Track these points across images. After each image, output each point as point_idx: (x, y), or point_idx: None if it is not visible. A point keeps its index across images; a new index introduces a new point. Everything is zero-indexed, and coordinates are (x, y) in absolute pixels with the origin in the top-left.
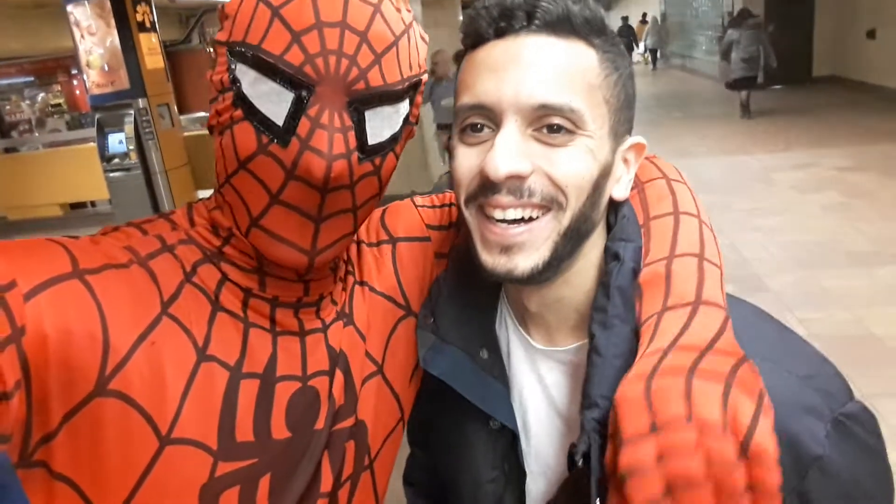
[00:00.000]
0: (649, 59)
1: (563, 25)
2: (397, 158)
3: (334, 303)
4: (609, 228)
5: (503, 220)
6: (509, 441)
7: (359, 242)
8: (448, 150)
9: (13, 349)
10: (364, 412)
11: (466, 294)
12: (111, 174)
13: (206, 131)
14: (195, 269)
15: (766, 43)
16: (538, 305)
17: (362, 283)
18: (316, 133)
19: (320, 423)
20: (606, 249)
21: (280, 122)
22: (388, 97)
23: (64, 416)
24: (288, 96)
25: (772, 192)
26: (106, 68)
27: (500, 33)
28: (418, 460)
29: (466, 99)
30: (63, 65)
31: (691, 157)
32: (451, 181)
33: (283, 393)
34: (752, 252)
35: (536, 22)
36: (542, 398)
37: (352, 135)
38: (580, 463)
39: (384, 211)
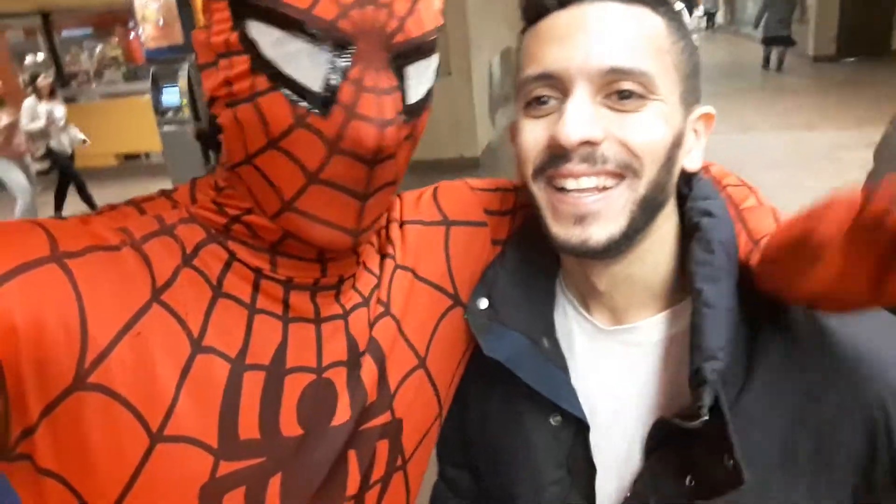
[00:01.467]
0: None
1: None
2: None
3: (356, 289)
4: (681, 201)
5: (576, 190)
6: (574, 436)
7: (403, 222)
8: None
9: None
10: (401, 409)
11: (526, 278)
12: (164, 127)
13: None
14: (197, 250)
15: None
16: (608, 284)
17: (405, 268)
18: (362, 98)
19: (338, 419)
20: (691, 210)
21: (318, 88)
22: (424, 49)
23: (42, 411)
24: (323, 57)
25: (840, 173)
26: (161, 22)
27: (563, 3)
28: (454, 484)
29: (531, 70)
30: (120, 17)
31: (755, 132)
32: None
33: (294, 386)
34: None
35: None
36: (610, 385)
37: (398, 96)
38: (705, 417)
39: (435, 190)
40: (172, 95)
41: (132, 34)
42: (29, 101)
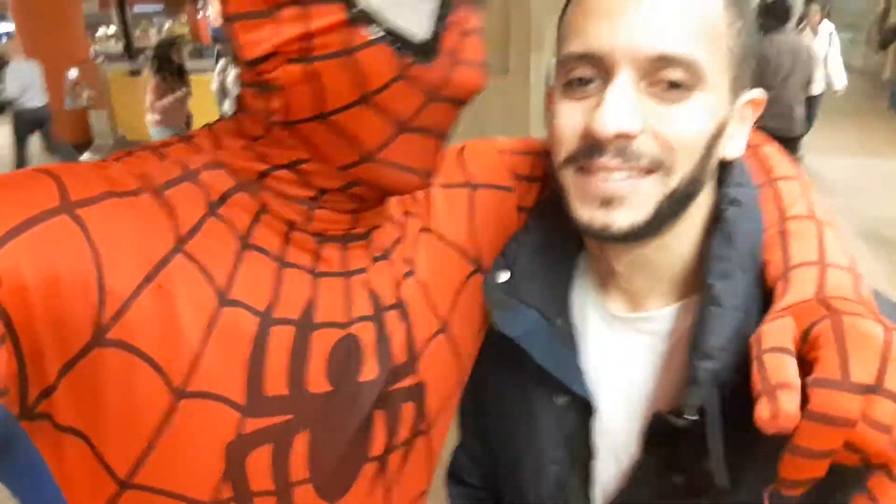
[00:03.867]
0: None
1: None
2: None
3: (382, 244)
4: (720, 184)
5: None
6: (577, 418)
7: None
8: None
9: None
10: (425, 372)
11: (547, 255)
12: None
13: None
14: (224, 199)
15: None
16: (627, 266)
17: (429, 230)
18: (466, 41)
19: (365, 375)
20: (723, 196)
21: (426, 34)
22: None
23: (61, 369)
24: (428, 3)
25: None
26: None
27: None
28: (470, 453)
29: (574, 47)
30: None
31: (818, 153)
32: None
33: (323, 341)
34: (877, 267)
35: None
36: (619, 372)
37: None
38: (691, 417)
39: (462, 149)
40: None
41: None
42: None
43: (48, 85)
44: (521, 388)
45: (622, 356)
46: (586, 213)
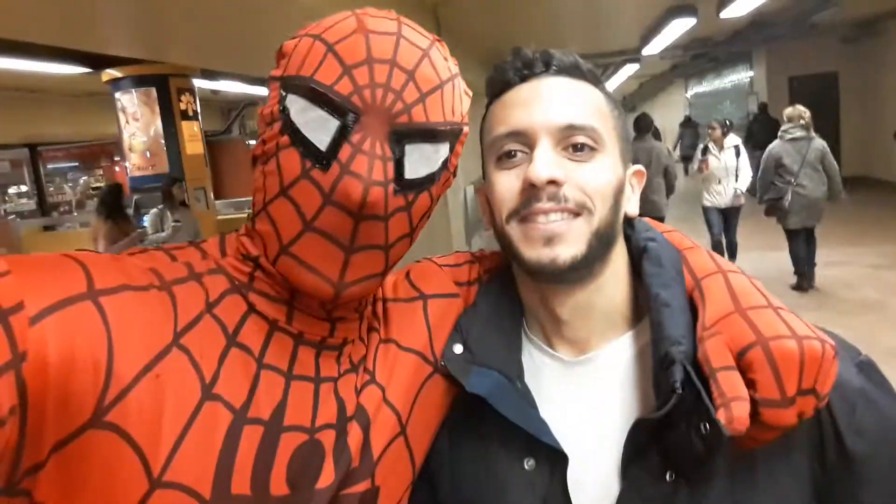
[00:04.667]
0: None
1: (573, 71)
2: (431, 201)
3: (350, 357)
4: (628, 243)
5: (544, 221)
6: (549, 477)
7: (385, 300)
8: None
9: (11, 375)
10: (381, 477)
11: (498, 325)
12: None
13: (240, 214)
14: (220, 299)
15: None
16: (570, 312)
17: (389, 341)
18: (357, 158)
19: (322, 483)
20: (637, 241)
21: (324, 147)
22: (428, 135)
23: (55, 445)
24: (334, 124)
25: (804, 291)
26: (148, 154)
27: (523, 78)
28: None
29: (501, 129)
30: (106, 150)
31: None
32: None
33: (288, 444)
34: None
35: (553, 67)
36: (581, 416)
37: (391, 165)
38: (679, 391)
39: (408, 272)
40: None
41: (117, 167)
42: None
43: None
44: (486, 463)
45: (581, 400)
46: (533, 253)
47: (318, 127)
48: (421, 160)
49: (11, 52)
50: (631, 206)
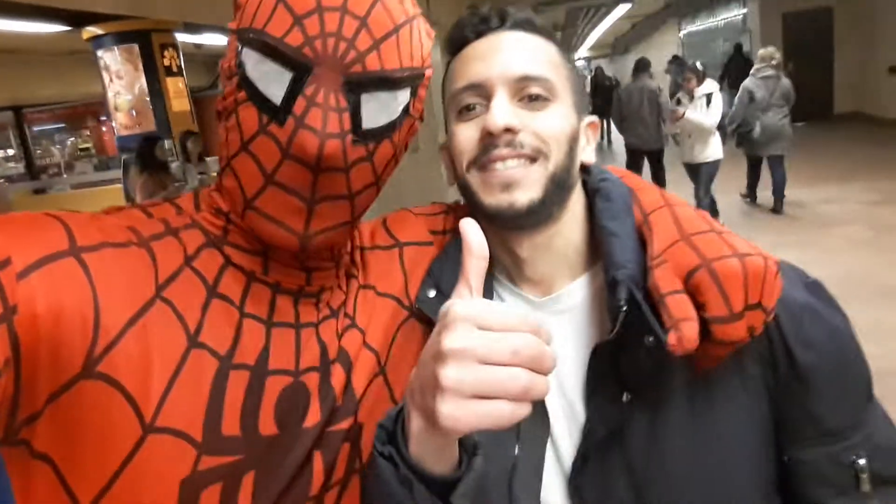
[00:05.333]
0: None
1: (527, 25)
2: (395, 149)
3: (329, 303)
4: (586, 189)
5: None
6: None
7: (363, 248)
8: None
9: (4, 328)
10: (363, 414)
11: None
12: None
13: None
14: (198, 252)
15: None
16: (530, 251)
17: (366, 287)
18: (311, 111)
19: (309, 421)
20: (591, 184)
21: (278, 101)
22: (385, 83)
23: (49, 397)
24: (287, 76)
25: (796, 228)
26: (133, 112)
27: (479, 34)
28: None
29: (460, 83)
30: (92, 111)
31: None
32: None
33: (274, 387)
34: None
35: (508, 22)
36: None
37: (346, 116)
38: (623, 308)
39: (385, 219)
40: None
41: (104, 127)
42: (178, 164)
43: None
44: None
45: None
46: (492, 199)
47: (272, 81)
48: (379, 109)
49: None
50: (586, 154)
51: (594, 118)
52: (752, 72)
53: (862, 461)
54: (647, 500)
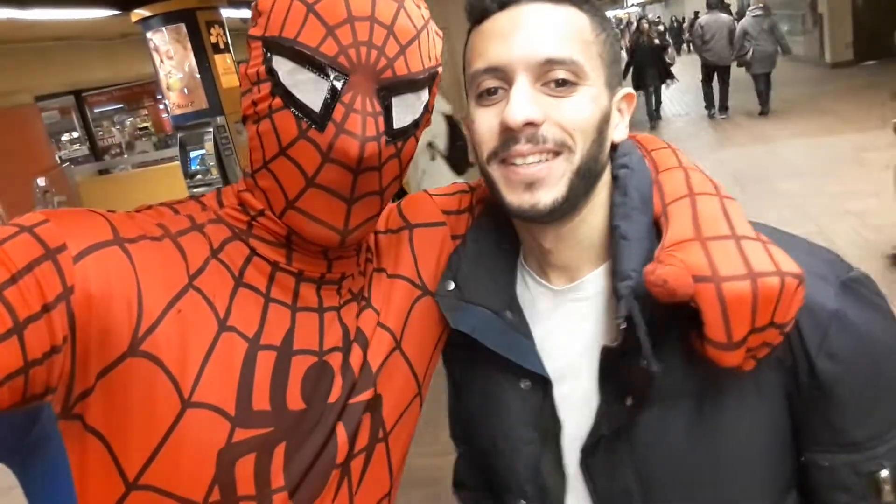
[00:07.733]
0: None
1: None
2: (416, 142)
3: (350, 289)
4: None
5: (524, 164)
6: (542, 398)
7: (377, 233)
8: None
9: (63, 307)
10: (382, 386)
11: (487, 261)
12: (194, 189)
13: None
14: (223, 246)
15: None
16: (554, 242)
17: (380, 270)
18: (350, 117)
19: (333, 397)
20: (614, 167)
21: (317, 108)
22: (412, 85)
23: (99, 373)
24: (324, 85)
25: (863, 174)
26: (185, 91)
27: (502, 6)
28: (465, 459)
29: (480, 64)
30: (148, 90)
31: (776, 142)
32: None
33: (299, 366)
34: (843, 238)
35: None
36: (570, 340)
37: (381, 119)
38: (623, 325)
39: (399, 203)
40: (199, 158)
41: (161, 106)
42: None
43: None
44: (490, 383)
45: (569, 325)
46: (515, 197)
47: (309, 89)
48: (406, 109)
49: (42, 2)
50: (618, 132)
51: (629, 90)
52: (746, 13)
53: (885, 473)
54: (653, 493)
